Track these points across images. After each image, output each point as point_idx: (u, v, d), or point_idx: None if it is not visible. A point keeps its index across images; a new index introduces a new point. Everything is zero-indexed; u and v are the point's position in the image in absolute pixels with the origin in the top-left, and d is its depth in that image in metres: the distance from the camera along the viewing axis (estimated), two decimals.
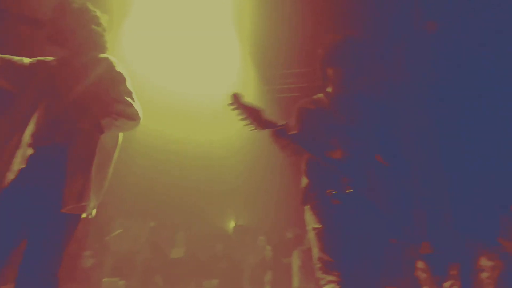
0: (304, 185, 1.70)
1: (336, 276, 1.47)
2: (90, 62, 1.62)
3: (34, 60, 1.67)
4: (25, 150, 1.50)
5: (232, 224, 6.84)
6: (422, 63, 4.09)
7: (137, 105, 1.58)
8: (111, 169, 1.57)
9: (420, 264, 3.71)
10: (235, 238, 6.07)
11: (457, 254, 3.73)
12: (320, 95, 1.80)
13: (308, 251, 1.75)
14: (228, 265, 4.98)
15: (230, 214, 6.90)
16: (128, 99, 1.55)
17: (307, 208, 1.67)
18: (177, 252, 5.34)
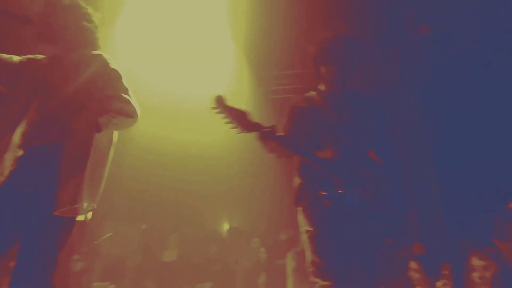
0: (296, 185, 1.68)
1: (329, 282, 1.45)
2: (82, 60, 1.57)
3: (24, 58, 1.62)
4: (15, 152, 1.44)
5: (225, 226, 6.80)
6: (415, 61, 4.13)
7: (134, 102, 1.55)
8: (107, 169, 1.52)
9: (413, 264, 3.73)
10: (229, 240, 6.03)
11: (449, 254, 3.77)
12: (312, 93, 1.79)
13: (302, 253, 1.73)
14: (221, 267, 4.94)
15: (224, 216, 6.86)
16: (125, 96, 1.52)
17: (300, 209, 1.65)
18: (169, 255, 5.26)
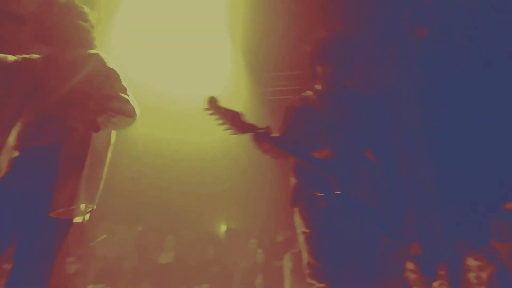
0: (292, 185, 1.67)
1: (325, 285, 1.45)
2: (78, 59, 1.56)
3: (18, 57, 1.60)
4: (10, 153, 1.42)
5: (223, 227, 6.78)
6: (412, 61, 4.15)
7: (133, 101, 1.54)
8: (105, 169, 1.51)
9: (409, 265, 3.74)
10: (226, 242, 6.01)
11: (445, 255, 3.79)
12: (309, 93, 1.78)
13: (299, 254, 1.73)
14: (219, 269, 4.91)
15: (221, 217, 6.84)
16: (124, 96, 1.51)
17: (297, 210, 1.64)
18: (165, 257, 5.22)
